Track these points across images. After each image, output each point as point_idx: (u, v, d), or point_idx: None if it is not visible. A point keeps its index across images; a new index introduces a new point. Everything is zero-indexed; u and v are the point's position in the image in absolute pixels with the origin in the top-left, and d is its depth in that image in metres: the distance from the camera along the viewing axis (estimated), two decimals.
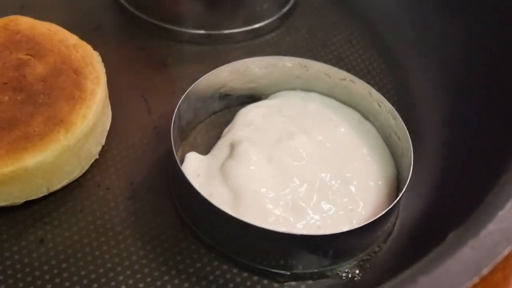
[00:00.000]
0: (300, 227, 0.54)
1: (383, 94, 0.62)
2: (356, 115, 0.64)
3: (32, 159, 0.54)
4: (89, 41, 0.63)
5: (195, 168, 0.58)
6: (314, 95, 0.65)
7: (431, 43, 0.72)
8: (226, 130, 0.63)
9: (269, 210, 0.55)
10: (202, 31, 0.72)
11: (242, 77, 0.64)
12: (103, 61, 0.62)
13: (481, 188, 0.51)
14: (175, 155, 0.56)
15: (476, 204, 0.49)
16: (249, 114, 0.62)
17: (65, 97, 0.57)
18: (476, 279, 0.42)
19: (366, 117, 0.63)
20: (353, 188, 0.58)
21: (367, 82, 0.62)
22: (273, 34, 0.74)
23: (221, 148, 0.60)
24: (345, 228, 0.54)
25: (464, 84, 0.67)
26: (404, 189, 0.55)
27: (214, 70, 0.62)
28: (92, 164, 0.60)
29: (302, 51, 0.73)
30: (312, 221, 0.55)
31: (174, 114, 0.58)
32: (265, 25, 0.74)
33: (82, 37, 0.63)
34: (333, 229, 0.54)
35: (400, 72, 0.72)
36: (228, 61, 0.63)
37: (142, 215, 0.58)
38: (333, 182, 0.58)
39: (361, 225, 0.53)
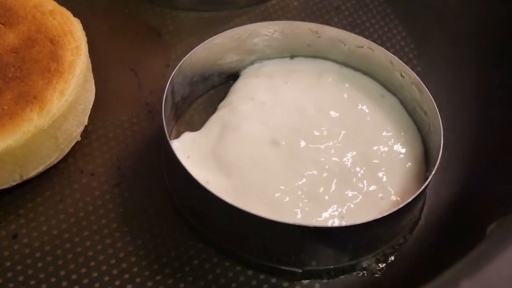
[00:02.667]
0: (320, 220, 0.49)
1: (405, 64, 0.56)
2: (378, 88, 0.57)
3: (1, 142, 0.48)
4: (73, 8, 0.58)
5: (186, 149, 0.51)
6: (328, 64, 0.58)
7: (458, 5, 0.66)
8: (221, 104, 0.56)
9: (280, 202, 0.49)
10: None
11: (244, 46, 0.58)
12: (89, 30, 0.56)
13: None
14: (167, 135, 0.50)
15: None
16: (249, 85, 0.55)
17: (40, 70, 0.51)
18: None
19: (387, 89, 0.56)
20: (382, 175, 0.51)
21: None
22: None
23: (213, 125, 0.54)
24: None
25: (497, 50, 0.62)
26: (434, 171, 0.49)
27: (213, 37, 0.56)
28: (73, 147, 0.55)
29: (313, 17, 0.67)
30: (335, 212, 0.49)
31: (166, 88, 0.52)
32: None
33: (65, 3, 0.57)
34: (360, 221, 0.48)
35: (423, 39, 0.65)
36: (229, 29, 0.57)
37: (131, 205, 0.53)
38: (357, 169, 0.51)
39: (384, 214, 0.47)
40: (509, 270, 0.35)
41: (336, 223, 0.48)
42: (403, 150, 0.53)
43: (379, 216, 0.46)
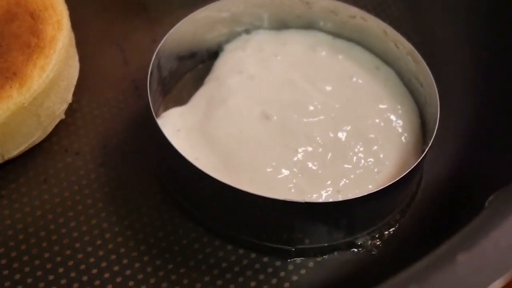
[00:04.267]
0: (315, 196, 0.47)
1: (401, 35, 0.54)
2: (372, 60, 0.55)
3: None
4: None
5: (173, 125, 0.49)
6: (320, 36, 0.56)
7: None
8: (207, 78, 0.54)
9: (273, 179, 0.47)
10: None
11: (233, 18, 0.56)
12: (73, 4, 0.54)
13: None
14: (153, 111, 0.48)
15: None
16: (235, 58, 0.54)
17: (19, 45, 0.50)
18: None
19: (382, 61, 0.55)
20: (378, 149, 0.50)
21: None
22: None
23: (200, 99, 0.52)
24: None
25: (495, 22, 0.59)
26: (430, 144, 0.47)
27: (200, 9, 0.54)
28: (57, 126, 0.53)
29: None
30: (330, 187, 0.48)
31: (151, 63, 0.50)
32: None
33: None
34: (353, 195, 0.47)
35: (420, 8, 0.64)
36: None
37: (117, 184, 0.51)
38: (352, 143, 0.50)
39: (379, 188, 0.45)
40: (506, 242, 0.33)
41: (331, 199, 0.47)
42: (400, 123, 0.51)
43: (373, 191, 0.44)
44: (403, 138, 0.51)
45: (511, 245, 0.33)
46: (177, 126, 0.50)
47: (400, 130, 0.51)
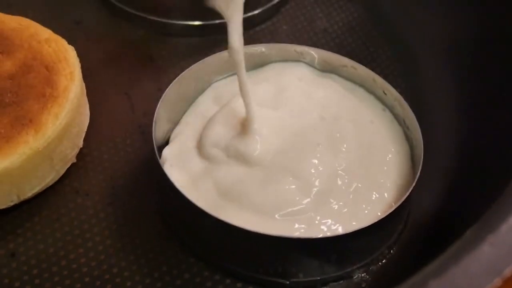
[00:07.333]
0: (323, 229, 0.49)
1: (390, 83, 0.57)
2: (378, 103, 0.57)
3: None
4: (69, 37, 0.59)
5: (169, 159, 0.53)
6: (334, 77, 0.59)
7: (441, 25, 0.66)
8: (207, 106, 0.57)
9: (275, 219, 0.49)
10: (191, 22, 0.67)
11: (232, 68, 0.58)
12: (84, 56, 0.58)
13: (499, 177, 0.45)
14: (157, 154, 0.51)
15: (495, 195, 0.43)
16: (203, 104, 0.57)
17: (35, 95, 0.53)
18: (497, 281, 0.36)
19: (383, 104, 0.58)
20: (386, 191, 0.51)
21: (372, 70, 0.57)
22: (269, 22, 0.69)
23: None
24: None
25: (478, 70, 0.61)
26: (413, 184, 0.50)
27: (202, 60, 0.57)
28: (69, 169, 0.56)
29: (301, 40, 0.68)
30: (331, 224, 0.49)
31: (156, 112, 0.53)
32: (260, 13, 0.69)
33: (62, 33, 0.59)
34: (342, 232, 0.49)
35: (408, 58, 0.67)
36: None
37: (124, 222, 0.54)
38: (359, 185, 0.51)
39: (366, 225, 0.47)
40: (476, 269, 0.36)
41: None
42: (399, 165, 0.53)
43: (358, 228, 0.47)
44: (400, 178, 0.52)
45: (480, 272, 0.36)
46: (175, 165, 0.52)
47: (398, 170, 0.53)
